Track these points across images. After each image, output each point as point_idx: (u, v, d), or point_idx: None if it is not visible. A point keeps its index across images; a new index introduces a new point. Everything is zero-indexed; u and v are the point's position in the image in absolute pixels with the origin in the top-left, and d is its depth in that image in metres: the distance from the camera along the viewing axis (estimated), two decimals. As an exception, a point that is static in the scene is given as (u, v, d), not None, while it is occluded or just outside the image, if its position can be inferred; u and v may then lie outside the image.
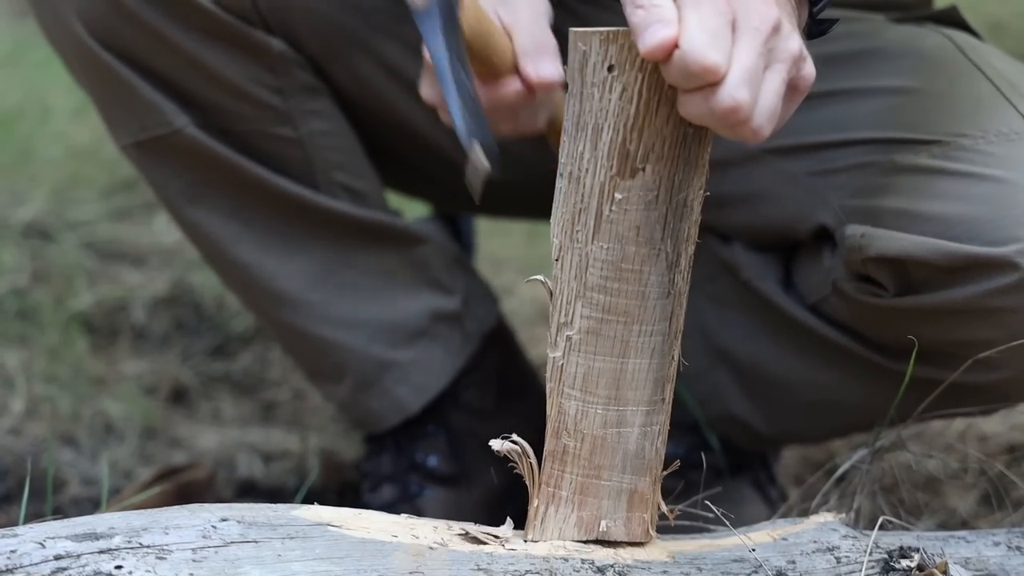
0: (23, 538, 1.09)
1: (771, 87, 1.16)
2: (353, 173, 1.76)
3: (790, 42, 1.17)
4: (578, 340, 1.22)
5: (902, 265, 1.49)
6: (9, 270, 2.63)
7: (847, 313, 1.60)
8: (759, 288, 1.71)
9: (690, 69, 1.12)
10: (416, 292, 1.81)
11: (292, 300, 1.77)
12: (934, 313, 1.49)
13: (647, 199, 1.19)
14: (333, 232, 1.77)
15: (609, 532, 1.25)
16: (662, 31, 1.12)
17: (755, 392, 1.76)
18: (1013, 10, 3.42)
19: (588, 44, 1.16)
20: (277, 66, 1.68)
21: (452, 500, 1.85)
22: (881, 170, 1.55)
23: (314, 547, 1.15)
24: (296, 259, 1.77)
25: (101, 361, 2.39)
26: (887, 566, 1.28)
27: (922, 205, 1.49)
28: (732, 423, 1.80)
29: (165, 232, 2.89)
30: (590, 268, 1.20)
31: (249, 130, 1.70)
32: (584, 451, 1.24)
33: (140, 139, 1.71)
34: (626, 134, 1.17)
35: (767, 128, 1.16)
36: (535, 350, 2.43)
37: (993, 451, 1.90)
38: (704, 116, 1.14)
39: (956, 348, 1.49)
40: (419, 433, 1.85)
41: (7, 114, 3.42)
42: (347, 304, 1.79)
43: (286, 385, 2.37)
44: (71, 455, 2.09)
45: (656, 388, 1.25)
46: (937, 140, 1.52)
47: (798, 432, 1.81)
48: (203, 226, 1.76)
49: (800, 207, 1.63)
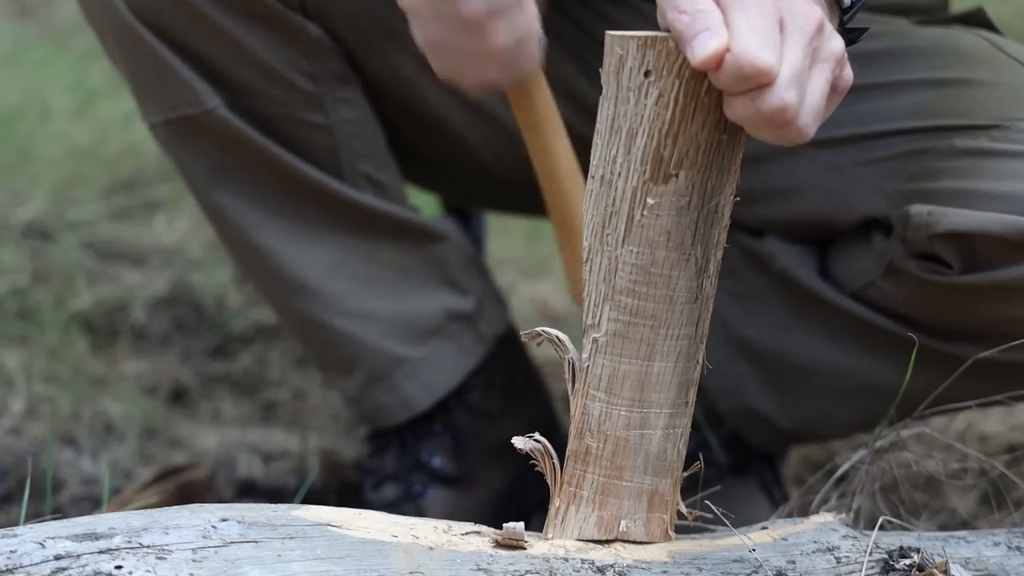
0: (23, 538, 1.09)
1: (816, 87, 1.15)
2: (377, 165, 1.77)
3: (833, 42, 1.17)
4: (604, 342, 1.22)
5: (970, 241, 1.49)
6: (9, 270, 2.63)
7: (900, 295, 1.60)
8: (795, 277, 1.71)
9: (744, 72, 1.10)
10: (432, 290, 1.81)
11: (309, 289, 1.77)
12: (1000, 289, 1.50)
13: (679, 205, 1.19)
14: (355, 224, 1.77)
15: (629, 532, 1.26)
16: (712, 40, 1.10)
17: (778, 384, 1.76)
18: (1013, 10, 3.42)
19: (625, 48, 1.15)
20: (312, 52, 1.69)
21: (455, 501, 1.85)
22: (940, 155, 1.55)
23: (314, 547, 1.15)
24: (316, 248, 1.77)
25: (101, 361, 2.39)
26: (887, 566, 1.28)
27: (987, 185, 1.50)
28: (750, 417, 1.80)
29: (165, 232, 2.89)
30: (619, 271, 1.20)
31: (280, 114, 1.71)
32: (607, 452, 1.24)
33: (170, 117, 1.71)
34: (661, 140, 1.16)
35: (812, 128, 1.15)
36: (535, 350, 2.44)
37: (993, 451, 1.90)
38: (751, 118, 1.13)
39: (1014, 326, 1.50)
40: (425, 432, 1.85)
41: (7, 114, 3.42)
42: (363, 297, 1.79)
43: (286, 385, 2.37)
44: (71, 455, 2.09)
45: (680, 391, 1.25)
46: (996, 124, 1.52)
47: (820, 424, 1.80)
48: (226, 209, 1.76)
49: (845, 197, 1.64)
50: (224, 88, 1.69)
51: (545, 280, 2.73)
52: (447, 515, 1.80)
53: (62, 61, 3.90)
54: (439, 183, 1.99)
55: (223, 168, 1.74)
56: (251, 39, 1.66)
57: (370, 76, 1.75)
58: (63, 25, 4.03)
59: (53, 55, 3.94)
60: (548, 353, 2.46)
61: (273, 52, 1.67)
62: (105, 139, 3.25)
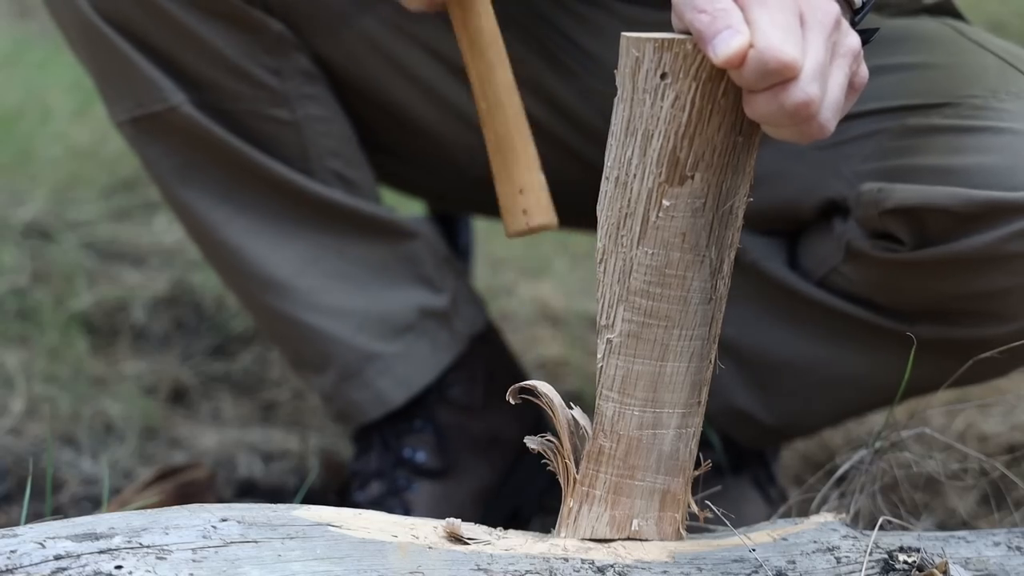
0: (23, 538, 1.09)
1: (836, 81, 1.14)
2: (347, 162, 1.77)
3: (850, 37, 1.17)
4: (618, 343, 1.22)
5: (920, 216, 1.50)
6: (9, 270, 2.63)
7: (860, 277, 1.61)
8: (765, 269, 1.71)
9: (769, 67, 1.09)
10: (405, 287, 1.81)
11: (280, 286, 1.77)
12: (952, 264, 1.51)
13: (694, 206, 1.18)
14: (325, 220, 1.77)
15: (641, 531, 1.26)
16: (735, 39, 1.09)
17: (758, 381, 1.76)
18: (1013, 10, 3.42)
19: (641, 51, 1.15)
20: (275, 47, 1.69)
21: (441, 493, 1.85)
22: (893, 134, 1.56)
23: (314, 547, 1.15)
24: (286, 245, 1.77)
25: (101, 361, 2.39)
26: (887, 566, 1.28)
27: (938, 160, 1.50)
28: (734, 417, 1.80)
29: (165, 232, 2.89)
30: (634, 272, 1.20)
31: (245, 110, 1.71)
32: (620, 452, 1.24)
33: (136, 115, 1.71)
34: (677, 142, 1.16)
35: (833, 124, 1.14)
36: (535, 350, 2.43)
37: (993, 451, 1.90)
38: (774, 114, 1.12)
39: (972, 301, 1.51)
40: (406, 429, 1.85)
41: (7, 114, 3.42)
42: (335, 293, 1.78)
43: (286, 385, 2.37)
44: (71, 455, 2.09)
45: (693, 391, 1.25)
46: (948, 102, 1.53)
47: (804, 418, 1.80)
48: (194, 206, 1.76)
49: (806, 183, 1.64)
50: (189, 85, 1.69)
51: (545, 280, 2.73)
52: (434, 507, 1.80)
53: (62, 61, 3.89)
54: (414, 185, 1.98)
55: (190, 165, 1.74)
56: (214, 35, 1.66)
57: (337, 73, 1.75)
58: (63, 25, 4.02)
59: (53, 55, 3.94)
60: (548, 353, 2.46)
61: (236, 48, 1.68)
62: (105, 139, 3.25)
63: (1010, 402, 2.03)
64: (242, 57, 1.68)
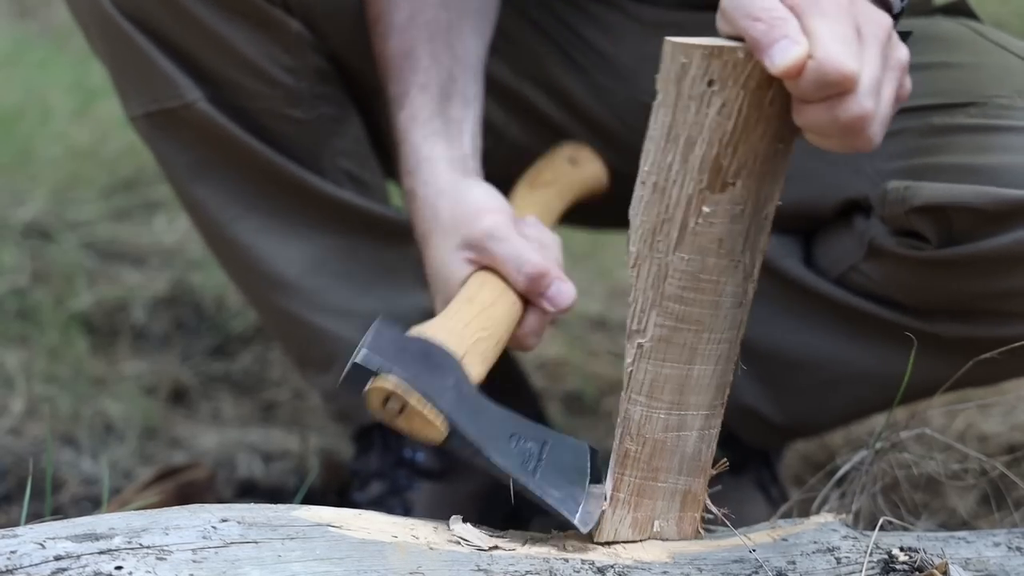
0: (23, 538, 1.09)
1: (887, 95, 1.14)
2: (359, 163, 1.77)
3: (900, 51, 1.16)
4: (649, 348, 1.22)
5: (946, 214, 1.50)
6: (9, 270, 2.63)
7: (881, 275, 1.61)
8: (781, 267, 1.71)
9: (828, 79, 1.08)
10: (411, 289, 1.81)
11: (288, 285, 1.77)
12: (977, 262, 1.51)
13: (733, 213, 1.18)
14: (335, 220, 1.77)
15: (662, 532, 1.26)
16: (793, 48, 1.09)
17: (769, 378, 1.77)
18: (1013, 10, 3.42)
19: (689, 57, 1.13)
20: (293, 46, 1.69)
21: (441, 493, 1.85)
22: (917, 133, 1.56)
23: (314, 548, 1.15)
24: (295, 244, 1.77)
25: (101, 361, 2.39)
26: (887, 566, 1.28)
27: (964, 159, 1.50)
28: (743, 414, 1.80)
29: (165, 232, 2.89)
30: (669, 278, 1.19)
31: (261, 108, 1.71)
32: (644, 455, 1.25)
33: (151, 110, 1.71)
34: (721, 149, 1.15)
35: (880, 136, 1.14)
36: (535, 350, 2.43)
37: (993, 451, 1.90)
38: (827, 126, 1.11)
39: (995, 300, 1.51)
40: None
41: (7, 114, 3.42)
42: (342, 294, 1.79)
43: (286, 385, 2.37)
44: (71, 455, 2.09)
45: (717, 393, 1.26)
46: (973, 102, 1.53)
47: (814, 417, 1.80)
48: (205, 203, 1.76)
49: (828, 181, 1.64)
50: (205, 82, 1.69)
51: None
52: (435, 507, 1.80)
53: (62, 61, 3.90)
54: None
55: (203, 162, 1.74)
56: (232, 33, 1.66)
57: (352, 74, 1.75)
58: (63, 25, 4.03)
59: (53, 55, 3.94)
60: (548, 353, 2.46)
61: (254, 46, 1.67)
62: (105, 139, 3.25)
63: (1010, 402, 2.03)
64: (260, 55, 1.68)
